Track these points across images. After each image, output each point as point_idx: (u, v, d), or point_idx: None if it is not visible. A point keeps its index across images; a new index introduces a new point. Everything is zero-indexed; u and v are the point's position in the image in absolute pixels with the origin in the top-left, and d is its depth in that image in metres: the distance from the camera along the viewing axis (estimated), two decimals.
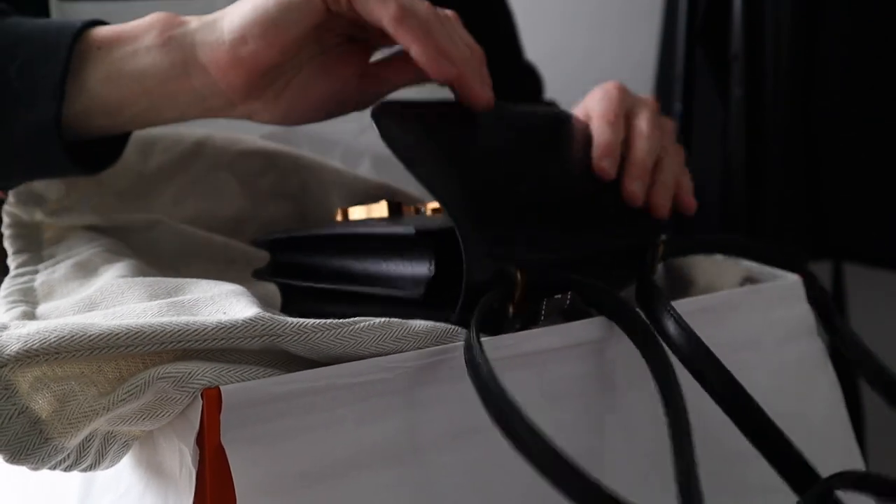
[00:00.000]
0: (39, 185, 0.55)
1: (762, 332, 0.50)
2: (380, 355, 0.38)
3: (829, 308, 0.52)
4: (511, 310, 0.41)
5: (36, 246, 0.53)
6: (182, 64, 0.46)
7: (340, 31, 0.49)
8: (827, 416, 0.51)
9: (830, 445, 0.51)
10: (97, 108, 0.47)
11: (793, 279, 0.53)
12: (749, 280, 0.55)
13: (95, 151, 0.50)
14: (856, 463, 0.51)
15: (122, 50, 0.46)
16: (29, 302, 0.45)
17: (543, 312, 0.43)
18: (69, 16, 0.60)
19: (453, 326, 0.40)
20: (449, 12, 0.50)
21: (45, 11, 0.60)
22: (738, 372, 0.48)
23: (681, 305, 0.47)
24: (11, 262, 0.50)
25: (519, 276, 0.41)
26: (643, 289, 0.46)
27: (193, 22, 0.47)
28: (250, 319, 0.35)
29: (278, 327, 0.36)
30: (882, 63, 0.81)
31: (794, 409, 0.50)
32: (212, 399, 0.34)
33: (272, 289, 0.55)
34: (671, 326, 0.42)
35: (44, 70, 0.45)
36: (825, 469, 0.49)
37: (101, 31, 0.47)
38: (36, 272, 0.49)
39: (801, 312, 0.52)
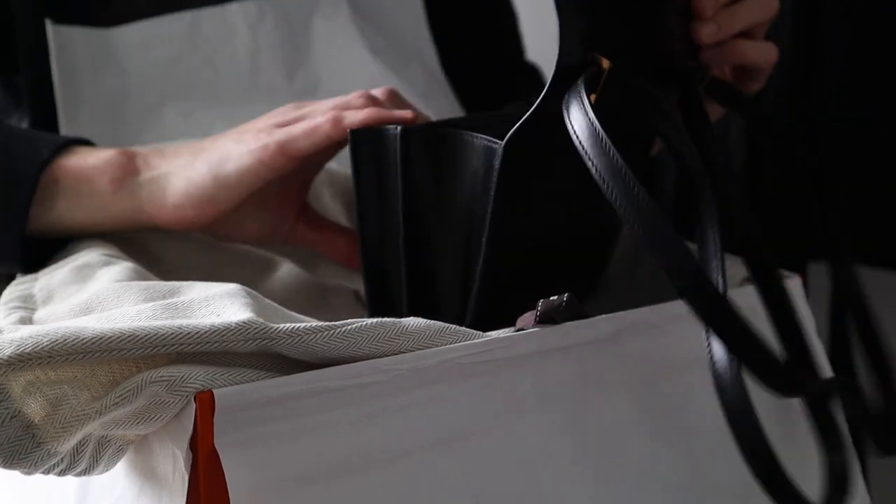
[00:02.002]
0: None
1: (763, 333, 0.50)
2: (374, 355, 0.38)
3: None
4: (592, 99, 0.43)
5: None
6: (130, 210, 0.52)
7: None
8: None
9: None
10: (55, 228, 0.53)
11: (793, 279, 0.53)
12: (748, 280, 0.55)
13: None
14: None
15: (79, 190, 0.52)
16: (28, 307, 0.45)
17: (538, 313, 0.43)
18: (65, 40, 0.63)
19: (446, 325, 0.40)
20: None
21: (42, 35, 0.62)
22: None
23: (681, 305, 0.46)
24: None
25: (605, 63, 0.43)
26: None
27: (144, 171, 0.52)
28: (244, 322, 0.35)
29: (272, 330, 0.36)
30: (882, 63, 0.81)
31: (792, 410, 0.49)
32: (205, 403, 0.33)
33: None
34: None
35: (9, 199, 0.50)
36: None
37: (64, 167, 0.52)
38: (35, 279, 0.49)
39: (801, 313, 0.52)
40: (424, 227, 0.49)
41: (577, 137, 0.40)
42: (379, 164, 0.49)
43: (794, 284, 0.52)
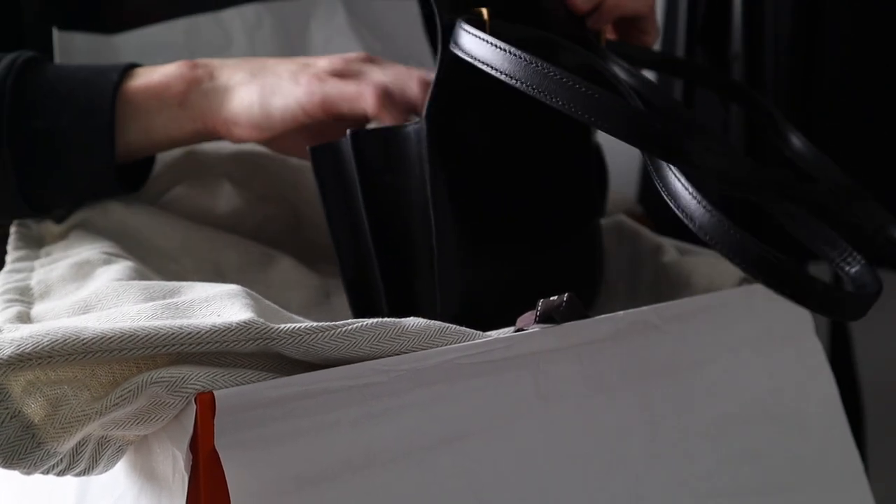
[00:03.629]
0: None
1: (761, 332, 0.50)
2: (375, 356, 0.38)
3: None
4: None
5: (35, 243, 0.53)
6: (193, 120, 0.55)
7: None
8: (824, 415, 0.51)
9: (828, 445, 0.50)
10: (138, 148, 0.55)
11: None
12: (747, 280, 0.55)
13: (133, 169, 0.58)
14: (854, 463, 0.51)
15: (150, 107, 0.54)
16: (25, 301, 0.45)
17: (538, 313, 0.43)
18: (68, 44, 0.65)
19: (447, 325, 0.40)
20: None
21: (48, 40, 0.64)
22: (738, 371, 0.48)
23: (680, 305, 0.47)
24: (8, 257, 0.51)
25: (484, 12, 0.47)
26: None
27: (205, 81, 0.55)
28: (244, 322, 0.35)
29: (272, 330, 0.35)
30: (882, 63, 0.80)
31: (792, 409, 0.49)
32: (205, 403, 0.33)
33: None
34: None
35: (93, 123, 0.53)
36: (822, 469, 0.49)
37: (133, 86, 0.54)
38: (32, 269, 0.49)
39: (798, 312, 0.52)
40: (390, 226, 0.50)
41: (483, 61, 0.42)
42: (340, 173, 0.50)
43: None
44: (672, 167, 0.40)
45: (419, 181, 0.48)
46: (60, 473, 0.34)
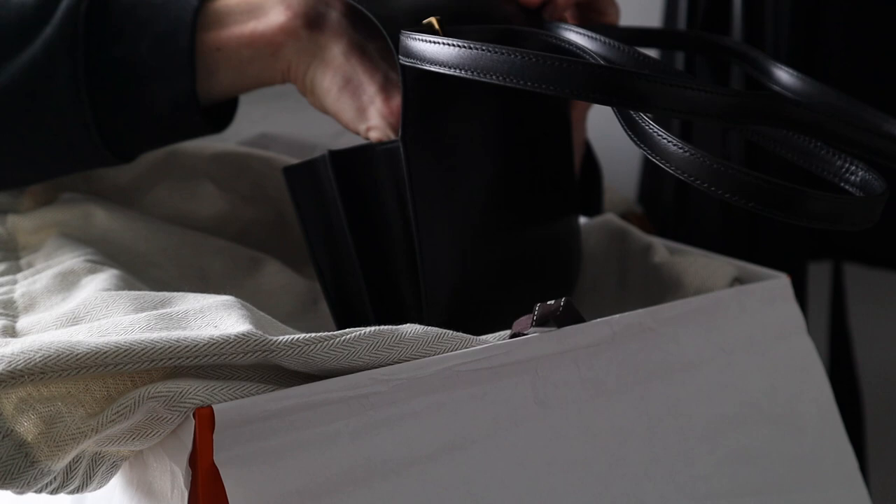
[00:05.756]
0: (6, 197, 0.56)
1: (754, 332, 0.50)
2: (373, 364, 0.37)
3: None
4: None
5: (13, 254, 0.52)
6: (281, 73, 0.52)
7: None
8: (819, 414, 0.51)
9: (823, 444, 0.51)
10: (220, 95, 0.52)
11: (781, 279, 0.53)
12: (739, 281, 0.55)
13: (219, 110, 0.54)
14: (849, 462, 0.51)
15: (241, 57, 0.51)
16: (9, 315, 0.44)
17: (535, 318, 0.42)
18: None
19: (444, 331, 0.40)
20: None
21: None
22: (733, 372, 0.48)
23: (674, 307, 0.47)
24: None
25: (434, 20, 0.47)
26: None
27: (303, 37, 0.51)
28: (243, 335, 0.34)
29: (271, 342, 0.35)
30: (882, 62, 0.81)
31: (786, 409, 0.50)
32: (204, 418, 0.33)
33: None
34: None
35: (173, 48, 0.49)
36: (818, 468, 0.49)
37: (223, 36, 0.51)
38: (15, 282, 0.48)
39: (790, 312, 0.52)
40: (373, 241, 0.49)
41: (429, 61, 0.42)
42: (318, 192, 0.49)
43: (781, 284, 0.53)
44: (642, 115, 0.40)
45: (397, 196, 0.48)
46: (54, 492, 0.34)
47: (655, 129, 0.39)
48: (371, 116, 0.50)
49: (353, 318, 0.51)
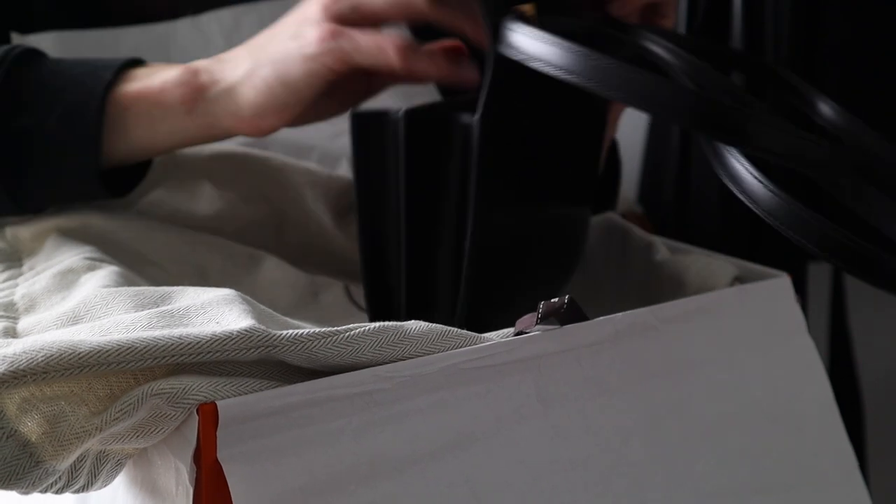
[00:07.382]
0: None
1: (755, 332, 0.50)
2: (377, 361, 0.37)
3: None
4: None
5: (16, 259, 0.52)
6: (207, 126, 0.52)
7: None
8: (819, 414, 0.51)
9: (823, 443, 0.51)
10: (134, 155, 0.53)
11: (782, 278, 0.53)
12: (740, 280, 0.55)
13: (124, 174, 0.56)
14: (848, 461, 0.51)
15: (152, 114, 0.52)
16: (10, 317, 0.44)
17: (539, 316, 0.42)
18: (37, 42, 0.63)
19: (448, 328, 0.40)
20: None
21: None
22: (734, 371, 0.48)
23: (677, 306, 0.47)
24: None
25: (528, 8, 0.46)
26: None
27: (211, 87, 0.52)
28: (246, 330, 0.34)
29: (274, 338, 0.35)
30: (882, 62, 0.81)
31: (787, 409, 0.50)
32: (208, 415, 0.33)
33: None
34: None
35: (80, 124, 0.50)
36: (818, 467, 0.49)
37: (131, 90, 0.52)
38: (16, 285, 0.48)
39: (791, 311, 0.52)
40: (425, 213, 0.49)
41: (538, 59, 0.41)
42: (380, 147, 0.49)
43: (782, 283, 0.53)
44: (731, 149, 0.39)
45: (460, 171, 0.47)
46: (59, 491, 0.34)
47: (745, 166, 0.39)
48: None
49: (384, 289, 0.51)
